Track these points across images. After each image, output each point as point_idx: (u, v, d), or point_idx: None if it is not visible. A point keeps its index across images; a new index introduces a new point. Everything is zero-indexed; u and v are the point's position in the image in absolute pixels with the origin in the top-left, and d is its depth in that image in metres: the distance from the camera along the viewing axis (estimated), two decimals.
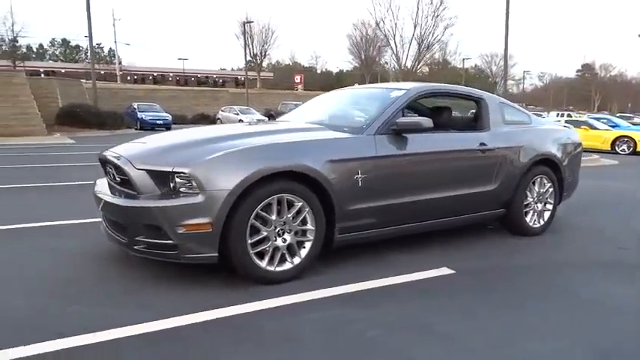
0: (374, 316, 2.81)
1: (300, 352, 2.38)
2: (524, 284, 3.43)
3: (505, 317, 2.85)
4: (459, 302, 3.06)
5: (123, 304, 2.91)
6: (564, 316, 2.88)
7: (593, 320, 2.83)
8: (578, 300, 3.13)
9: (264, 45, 40.07)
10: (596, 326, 2.76)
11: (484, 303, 3.06)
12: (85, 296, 3.01)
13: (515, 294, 3.23)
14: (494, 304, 3.04)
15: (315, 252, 3.42)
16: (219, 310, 2.81)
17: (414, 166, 3.87)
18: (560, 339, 2.58)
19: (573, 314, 2.91)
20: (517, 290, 3.30)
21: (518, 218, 4.61)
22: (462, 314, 2.87)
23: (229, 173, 3.05)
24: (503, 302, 3.08)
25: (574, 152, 5.15)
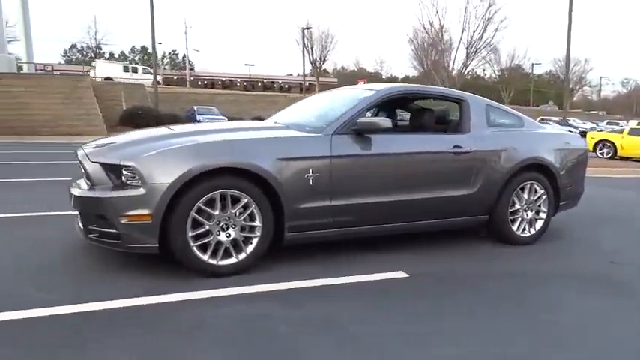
0: (294, 314, 2.81)
1: (193, 342, 2.44)
2: (483, 293, 3.27)
3: (431, 324, 2.75)
4: (394, 305, 2.99)
5: (57, 288, 3.10)
6: (503, 329, 2.73)
7: (531, 338, 2.66)
8: (532, 314, 2.94)
9: (323, 51, 40.48)
10: (527, 343, 2.60)
11: (422, 308, 2.96)
12: (38, 278, 3.25)
13: (466, 302, 3.10)
14: (433, 310, 2.94)
15: (261, 248, 3.46)
16: (137, 298, 2.92)
17: (375, 167, 3.82)
18: (475, 350, 2.47)
19: (515, 328, 2.75)
20: (471, 298, 3.16)
21: (503, 226, 4.40)
22: (385, 318, 2.81)
23: (169, 168, 3.18)
24: (446, 309, 2.96)
25: (575, 159, 4.83)
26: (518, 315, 2.92)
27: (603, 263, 4.06)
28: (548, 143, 4.66)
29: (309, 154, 3.55)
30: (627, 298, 3.28)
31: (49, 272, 3.36)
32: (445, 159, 4.08)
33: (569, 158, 4.76)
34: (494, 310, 2.98)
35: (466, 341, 2.54)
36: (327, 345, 2.44)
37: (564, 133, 5.01)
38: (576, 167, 4.87)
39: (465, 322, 2.79)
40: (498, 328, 2.73)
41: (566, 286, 3.48)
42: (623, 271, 3.88)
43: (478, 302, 3.10)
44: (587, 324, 2.83)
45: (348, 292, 3.22)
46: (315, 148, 3.60)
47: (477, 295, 3.24)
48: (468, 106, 4.38)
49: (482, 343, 2.53)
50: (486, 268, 3.83)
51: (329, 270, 3.56)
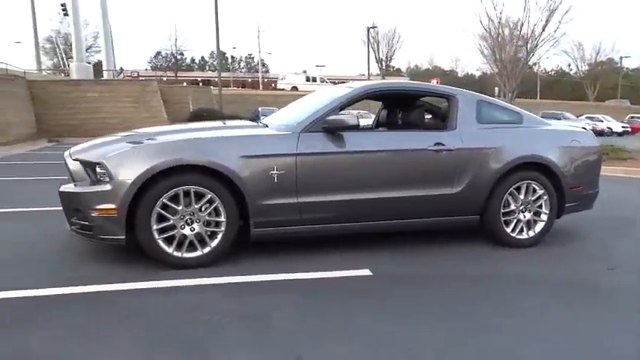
0: (232, 305, 2.89)
1: (121, 327, 2.59)
2: (443, 294, 3.17)
3: (362, 322, 2.72)
4: (337, 303, 2.98)
5: (31, 272, 3.40)
6: (438, 330, 2.65)
7: (466, 341, 2.56)
8: (485, 317, 2.81)
9: (389, 50, 40.04)
10: (452, 346, 2.51)
11: (363, 307, 2.92)
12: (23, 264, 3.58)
13: (419, 302, 3.02)
14: (375, 309, 2.90)
15: (226, 243, 3.58)
16: (96, 286, 3.14)
17: (345, 165, 3.80)
18: (376, 349, 2.42)
19: (455, 330, 2.65)
20: (427, 299, 3.08)
21: (495, 227, 4.20)
22: (321, 314, 2.81)
23: (133, 166, 3.38)
24: (390, 309, 2.91)
25: (584, 158, 4.49)
26: (467, 318, 2.79)
27: (600, 270, 3.76)
28: (550, 141, 4.37)
29: (273, 151, 3.61)
30: (608, 310, 2.99)
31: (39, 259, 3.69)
32: (424, 156, 3.96)
33: (577, 157, 4.43)
34: (443, 312, 2.87)
35: (381, 340, 2.49)
36: (240, 337, 2.50)
37: (572, 130, 4.67)
38: (586, 167, 4.52)
39: (402, 322, 2.71)
40: (434, 329, 2.64)
41: (542, 292, 3.26)
42: (620, 279, 3.57)
43: (431, 303, 3.01)
44: (541, 333, 2.65)
45: (300, 287, 3.24)
46: (281, 145, 3.65)
47: (435, 295, 3.14)
48: (456, 102, 4.22)
49: (400, 342, 2.47)
50: (461, 270, 3.68)
51: (294, 266, 3.60)
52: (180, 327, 2.60)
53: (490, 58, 28.81)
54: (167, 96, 22.95)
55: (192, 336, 2.50)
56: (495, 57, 27.74)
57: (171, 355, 2.29)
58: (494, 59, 28.27)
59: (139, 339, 2.46)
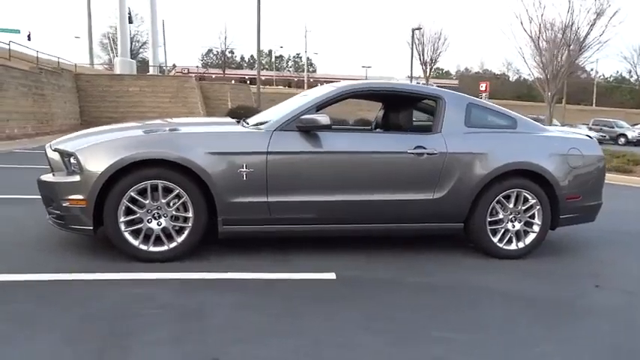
0: (176, 301, 2.88)
1: (62, 316, 2.63)
2: (396, 303, 3.04)
3: (297, 324, 2.65)
4: (282, 305, 2.92)
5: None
6: (373, 343, 2.55)
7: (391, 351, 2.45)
8: (424, 329, 2.68)
9: (434, 52, 39.23)
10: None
11: (311, 311, 2.85)
12: None
13: (369, 310, 2.91)
14: (319, 311, 2.83)
15: (194, 238, 3.57)
16: (58, 274, 3.21)
17: (318, 165, 3.72)
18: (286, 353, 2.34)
19: (382, 340, 2.55)
20: (377, 308, 2.96)
21: (480, 236, 4.00)
22: (260, 315, 2.76)
23: (102, 158, 3.43)
24: (336, 316, 2.81)
25: (585, 167, 4.21)
26: (405, 328, 2.67)
27: (585, 287, 3.51)
28: (544, 148, 4.13)
29: (242, 149, 3.58)
30: (574, 332, 2.79)
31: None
32: (402, 160, 3.82)
33: (577, 166, 4.16)
34: (387, 321, 2.76)
35: (306, 346, 2.40)
36: (169, 333, 2.48)
37: (572, 138, 4.37)
38: (587, 177, 4.24)
39: (342, 328, 2.62)
40: (371, 337, 2.53)
41: (512, 307, 3.06)
42: (604, 298, 3.32)
43: (379, 311, 2.89)
44: (488, 350, 2.49)
45: (255, 287, 3.20)
46: (251, 143, 3.62)
47: (389, 303, 3.02)
48: (443, 104, 4.05)
49: (326, 349, 2.38)
50: (429, 278, 3.52)
51: (258, 265, 3.57)
52: (117, 319, 2.61)
53: (531, 62, 27.46)
54: (208, 92, 23.45)
55: (123, 329, 2.50)
56: (535, 60, 26.45)
57: (89, 347, 2.30)
58: (536, 63, 27.02)
59: (68, 329, 2.48)
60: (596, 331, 2.77)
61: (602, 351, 2.53)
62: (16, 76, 14.33)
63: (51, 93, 16.91)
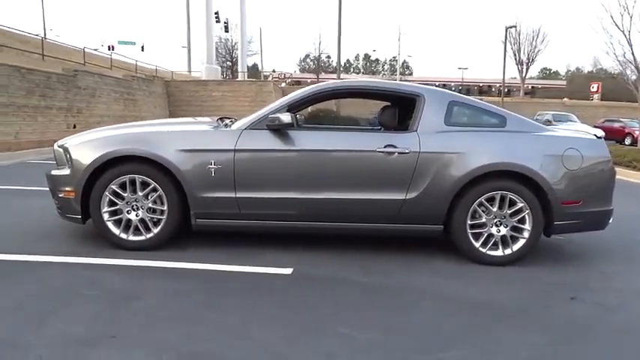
0: (125, 286, 3.12)
1: (25, 292, 2.98)
2: (330, 301, 3.03)
3: (222, 316, 2.76)
4: (219, 296, 3.04)
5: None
6: (285, 338, 2.60)
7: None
8: (328, 330, 2.67)
9: (531, 51, 36.72)
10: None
11: (248, 304, 2.93)
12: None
13: (301, 306, 2.94)
14: (256, 307, 2.89)
15: (168, 230, 3.82)
16: (41, 256, 3.61)
17: (287, 162, 3.78)
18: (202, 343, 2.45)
19: (297, 337, 2.59)
20: (303, 303, 2.99)
21: (461, 239, 3.82)
22: (188, 307, 2.91)
23: (87, 154, 3.80)
24: (268, 308, 2.88)
25: (587, 169, 3.83)
26: (316, 323, 2.67)
27: (559, 298, 3.22)
28: (535, 148, 3.83)
29: (210, 146, 3.76)
30: (494, 341, 2.58)
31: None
32: (371, 158, 3.76)
33: (575, 168, 3.80)
34: (299, 315, 2.77)
35: (210, 335, 2.50)
36: (92, 310, 2.71)
37: (571, 137, 3.97)
38: (590, 180, 3.86)
39: (263, 321, 2.68)
40: (283, 332, 2.57)
41: (467, 313, 2.89)
42: (568, 311, 3.02)
43: (301, 306, 2.91)
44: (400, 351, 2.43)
45: (204, 277, 3.33)
46: (220, 141, 3.79)
47: (318, 299, 3.02)
48: (422, 102, 3.91)
49: (229, 339, 2.46)
50: (384, 279, 3.42)
51: (220, 257, 3.72)
52: (55, 298, 2.87)
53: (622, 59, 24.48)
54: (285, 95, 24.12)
55: (53, 307, 2.76)
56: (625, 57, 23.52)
57: (9, 322, 2.58)
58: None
59: (4, 305, 2.80)
60: (527, 344, 2.55)
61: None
62: (110, 83, 15.94)
63: (142, 98, 18.58)
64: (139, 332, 2.50)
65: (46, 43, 17.45)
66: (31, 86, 11.52)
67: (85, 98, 13.72)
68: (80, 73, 14.13)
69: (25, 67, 11.44)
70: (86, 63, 17.26)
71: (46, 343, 2.36)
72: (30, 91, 11.49)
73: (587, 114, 33.83)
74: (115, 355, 2.27)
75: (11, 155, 10.12)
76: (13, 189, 6.48)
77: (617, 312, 3.02)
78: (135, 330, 2.52)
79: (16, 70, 11.06)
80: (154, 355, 2.28)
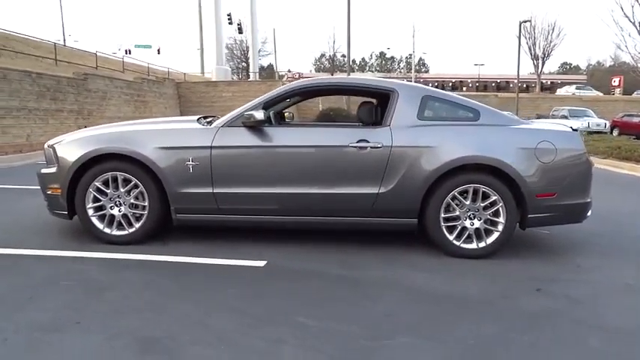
0: (100, 277, 3.26)
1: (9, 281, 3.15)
2: (297, 292, 3.12)
3: (163, 303, 2.87)
4: (187, 287, 3.16)
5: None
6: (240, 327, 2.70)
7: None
8: (287, 320, 2.76)
9: (547, 45, 36.15)
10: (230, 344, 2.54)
11: (210, 294, 3.05)
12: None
13: (254, 295, 3.05)
14: (218, 298, 3.00)
15: (150, 224, 3.95)
16: (30, 250, 3.77)
17: (262, 158, 3.88)
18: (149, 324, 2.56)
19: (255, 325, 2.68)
20: (267, 294, 3.08)
21: (435, 233, 3.87)
22: (154, 296, 3.03)
23: (71, 153, 3.95)
24: (228, 299, 2.98)
25: (561, 162, 3.84)
26: (275, 313, 2.76)
27: (526, 290, 3.25)
28: (508, 141, 3.86)
29: (188, 144, 3.88)
30: (443, 330, 2.65)
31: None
32: (344, 153, 3.83)
33: (548, 161, 3.82)
34: (259, 305, 2.86)
35: (157, 320, 2.61)
36: (64, 299, 2.85)
37: (544, 130, 3.98)
38: (563, 172, 3.87)
39: (204, 308, 2.79)
40: (213, 319, 2.67)
41: (427, 304, 2.96)
42: (542, 303, 3.04)
43: (265, 296, 3.00)
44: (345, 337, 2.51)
45: (179, 269, 3.46)
46: (197, 139, 3.90)
47: (285, 291, 3.11)
48: (395, 97, 3.98)
49: (179, 327, 2.57)
50: (356, 272, 3.49)
51: (205, 251, 3.84)
52: (36, 288, 3.04)
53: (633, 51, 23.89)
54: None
55: (31, 295, 2.92)
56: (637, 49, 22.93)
57: None
58: None
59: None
60: (477, 333, 2.60)
61: (446, 351, 2.40)
62: (120, 86, 16.30)
63: (152, 100, 18.95)
64: (103, 320, 2.62)
65: (61, 48, 17.93)
66: (41, 90, 11.88)
67: (95, 101, 14.07)
68: (90, 76, 14.49)
69: (35, 71, 11.80)
70: (98, 67, 17.65)
71: (16, 328, 2.50)
72: (41, 95, 11.85)
73: (607, 109, 33.23)
74: (74, 340, 2.39)
75: (23, 157, 10.44)
76: (23, 188, 6.70)
77: (584, 305, 3.03)
78: (100, 318, 2.65)
79: (26, 75, 11.42)
80: (111, 340, 2.40)
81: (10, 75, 10.91)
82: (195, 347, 2.35)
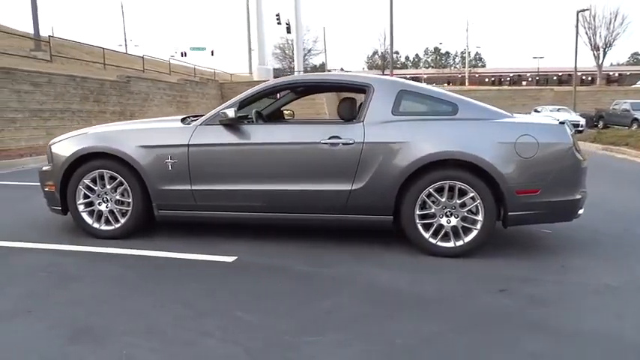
0: (71, 269, 3.44)
1: None
2: (251, 287, 3.16)
3: (119, 295, 2.99)
4: (139, 278, 3.29)
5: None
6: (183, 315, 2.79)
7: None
8: (223, 314, 2.81)
9: (609, 35, 33.94)
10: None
11: (151, 285, 3.16)
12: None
13: (207, 290, 3.11)
14: (156, 289, 3.11)
15: (134, 220, 4.12)
16: (21, 243, 4.03)
17: (237, 156, 3.94)
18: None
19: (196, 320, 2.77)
20: (221, 288, 3.15)
21: (410, 231, 3.79)
22: (120, 289, 3.16)
23: (63, 151, 4.19)
24: (171, 289, 3.09)
25: (545, 157, 3.65)
26: (216, 307, 2.81)
27: (490, 290, 3.13)
28: (486, 136, 3.71)
29: (166, 142, 4.01)
30: (376, 329, 2.60)
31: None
32: (316, 150, 3.82)
33: (529, 156, 3.65)
34: (206, 299, 2.92)
35: (102, 311, 2.73)
36: (32, 289, 3.04)
37: (526, 124, 3.78)
38: (547, 167, 3.68)
39: (151, 301, 2.88)
40: (155, 311, 2.75)
41: (353, 299, 2.94)
42: (500, 303, 2.93)
43: (217, 290, 3.06)
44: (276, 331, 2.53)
45: (149, 263, 3.60)
46: (175, 137, 4.02)
47: (240, 285, 3.16)
48: (371, 92, 3.92)
49: (124, 317, 2.68)
50: (320, 269, 3.47)
51: (181, 246, 3.94)
52: (11, 278, 3.25)
53: None
54: (341, 93, 24.35)
55: (4, 284, 3.13)
56: None
57: None
58: None
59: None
60: (412, 332, 2.54)
61: (364, 348, 2.36)
62: (162, 87, 16.98)
63: (195, 100, 19.58)
64: (54, 309, 2.78)
65: (112, 53, 18.86)
66: (85, 93, 12.60)
67: (137, 102, 14.74)
68: (133, 79, 15.19)
69: (79, 75, 12.53)
70: (146, 70, 18.43)
71: None
72: (84, 97, 12.57)
73: None
74: (16, 328, 2.55)
75: None
76: None
77: (544, 307, 2.88)
78: (53, 307, 2.80)
79: (71, 79, 12.15)
80: (51, 329, 2.53)
81: (55, 79, 11.65)
82: (125, 337, 2.44)
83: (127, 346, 2.35)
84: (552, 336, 2.51)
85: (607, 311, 2.81)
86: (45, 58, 14.36)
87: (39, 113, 10.83)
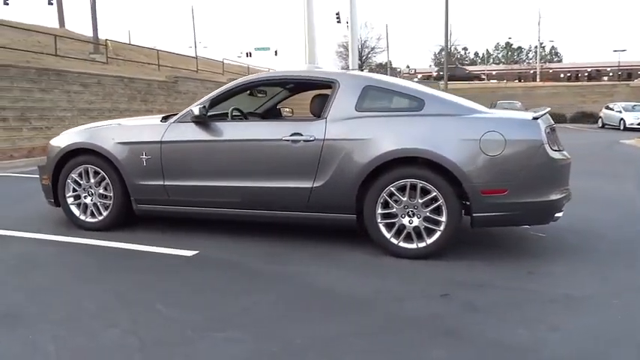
0: (44, 259, 3.67)
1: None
2: (195, 282, 3.22)
3: (72, 284, 3.14)
4: (95, 269, 3.44)
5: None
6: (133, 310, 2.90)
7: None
8: (148, 307, 2.86)
9: None
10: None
11: (102, 276, 3.30)
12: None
13: (150, 283, 3.19)
14: (102, 280, 3.22)
15: (115, 214, 4.31)
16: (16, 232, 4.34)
17: (204, 152, 4.02)
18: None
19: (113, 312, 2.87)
20: (166, 282, 3.22)
21: (372, 231, 3.69)
22: (75, 277, 3.33)
23: (55, 147, 4.47)
24: (130, 286, 3.17)
25: (513, 155, 3.41)
26: (147, 300, 2.87)
27: (429, 295, 2.97)
28: (449, 132, 3.53)
29: (141, 139, 4.16)
30: (307, 326, 2.56)
31: None
32: (278, 147, 3.80)
33: (496, 153, 3.43)
34: (145, 292, 3.00)
35: (53, 301, 2.88)
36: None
37: (493, 119, 3.51)
38: (515, 166, 3.44)
39: (92, 293, 2.99)
40: (90, 303, 2.86)
41: (286, 297, 2.91)
42: (432, 309, 2.79)
43: (159, 284, 3.14)
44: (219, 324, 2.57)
45: (110, 254, 3.77)
46: (149, 134, 4.16)
47: (186, 280, 3.22)
48: (336, 88, 3.84)
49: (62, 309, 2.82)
50: (275, 267, 3.46)
51: (151, 239, 4.08)
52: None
53: None
54: None
55: None
56: None
57: None
58: None
59: None
60: (319, 333, 2.48)
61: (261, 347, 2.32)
62: (210, 87, 17.44)
63: (241, 98, 20.02)
64: (2, 296, 2.97)
65: (167, 55, 19.71)
66: (133, 93, 13.30)
67: (184, 101, 15.28)
68: (181, 79, 15.83)
69: (127, 76, 13.24)
70: (199, 70, 19.12)
71: None
72: (132, 97, 13.27)
73: None
74: None
75: None
76: None
77: (475, 315, 2.69)
78: (18, 296, 2.97)
79: (119, 79, 12.87)
80: None
81: (104, 80, 12.39)
82: (41, 324, 2.56)
83: (37, 332, 2.47)
84: (464, 344, 2.36)
85: (543, 323, 2.59)
86: (102, 60, 15.31)
87: (87, 112, 11.57)
